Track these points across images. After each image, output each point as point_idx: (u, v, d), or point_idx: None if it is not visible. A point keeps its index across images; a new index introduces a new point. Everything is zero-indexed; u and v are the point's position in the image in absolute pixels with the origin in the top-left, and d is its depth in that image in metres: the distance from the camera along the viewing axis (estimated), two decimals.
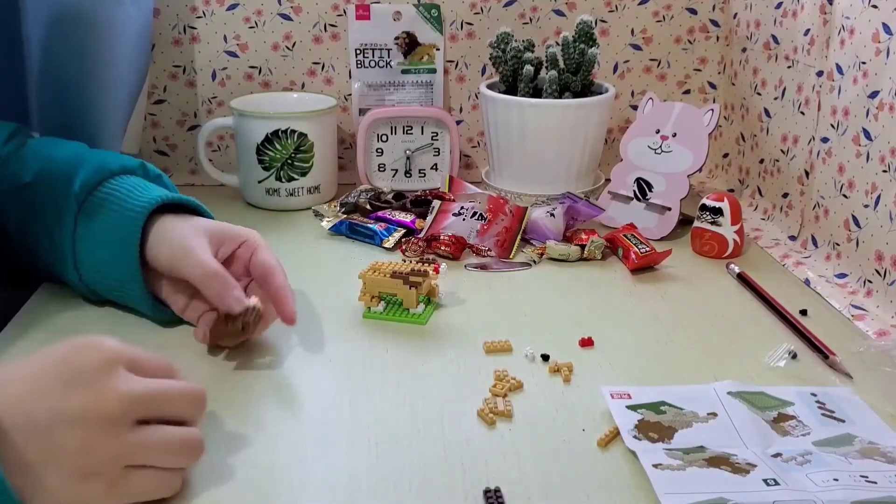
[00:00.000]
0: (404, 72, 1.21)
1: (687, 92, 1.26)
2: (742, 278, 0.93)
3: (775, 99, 1.07)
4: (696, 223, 1.00)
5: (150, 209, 0.77)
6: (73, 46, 0.95)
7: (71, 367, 0.53)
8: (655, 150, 1.06)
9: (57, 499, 0.52)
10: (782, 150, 1.06)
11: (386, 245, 1.00)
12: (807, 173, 1.00)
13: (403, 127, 1.18)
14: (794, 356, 0.78)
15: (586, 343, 0.79)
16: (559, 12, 1.21)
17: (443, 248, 0.97)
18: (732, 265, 0.95)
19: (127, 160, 0.83)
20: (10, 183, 0.83)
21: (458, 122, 1.24)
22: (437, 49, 1.21)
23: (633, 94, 1.25)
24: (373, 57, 1.20)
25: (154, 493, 0.56)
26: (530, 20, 1.21)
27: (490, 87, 1.14)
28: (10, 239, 0.85)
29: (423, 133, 1.18)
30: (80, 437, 0.51)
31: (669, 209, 1.04)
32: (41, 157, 0.84)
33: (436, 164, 1.19)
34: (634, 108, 1.24)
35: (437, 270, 0.86)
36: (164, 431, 0.55)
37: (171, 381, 0.57)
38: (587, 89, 1.12)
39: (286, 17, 1.18)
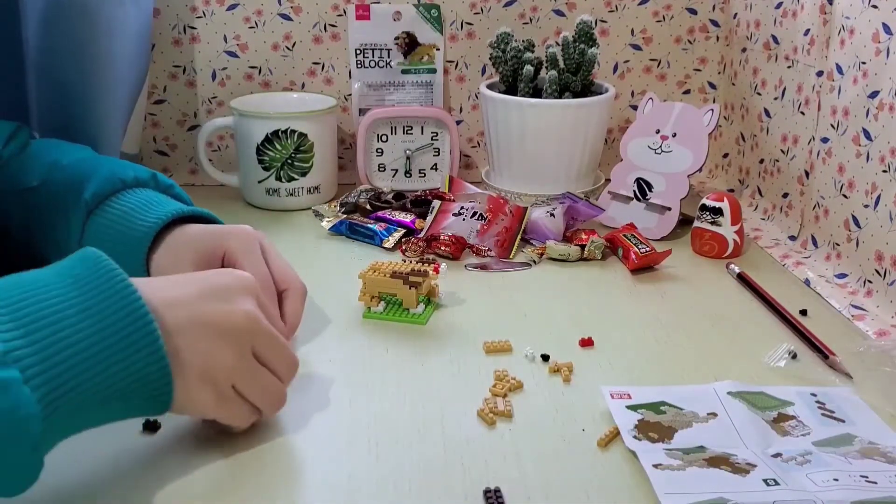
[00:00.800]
0: (404, 72, 1.21)
1: (687, 92, 1.26)
2: (742, 278, 0.93)
3: (775, 99, 1.07)
4: (696, 223, 1.00)
5: (157, 229, 0.76)
6: (72, 46, 0.95)
7: (215, 283, 0.61)
8: (655, 150, 1.06)
9: (186, 393, 0.57)
10: (782, 150, 1.06)
11: (386, 245, 1.00)
12: (807, 173, 1.00)
13: (403, 127, 1.18)
14: (794, 356, 0.78)
15: (586, 343, 0.79)
16: (559, 12, 1.21)
17: (443, 248, 0.97)
18: (732, 265, 0.95)
19: (140, 171, 0.82)
20: (11, 185, 0.83)
21: (458, 122, 1.24)
22: (437, 49, 1.21)
23: (633, 94, 1.25)
24: (373, 57, 1.20)
25: (237, 422, 0.63)
26: (530, 20, 1.21)
27: (490, 87, 1.14)
28: (12, 240, 0.85)
29: (423, 133, 1.18)
30: (208, 340, 0.58)
31: (669, 209, 1.04)
32: (47, 162, 0.83)
33: (436, 164, 1.19)
34: (634, 108, 1.24)
35: (437, 270, 0.86)
36: (268, 374, 0.63)
37: (280, 335, 0.63)
38: (587, 89, 1.12)
39: (286, 17, 1.18)
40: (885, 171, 0.85)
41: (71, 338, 0.52)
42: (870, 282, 0.87)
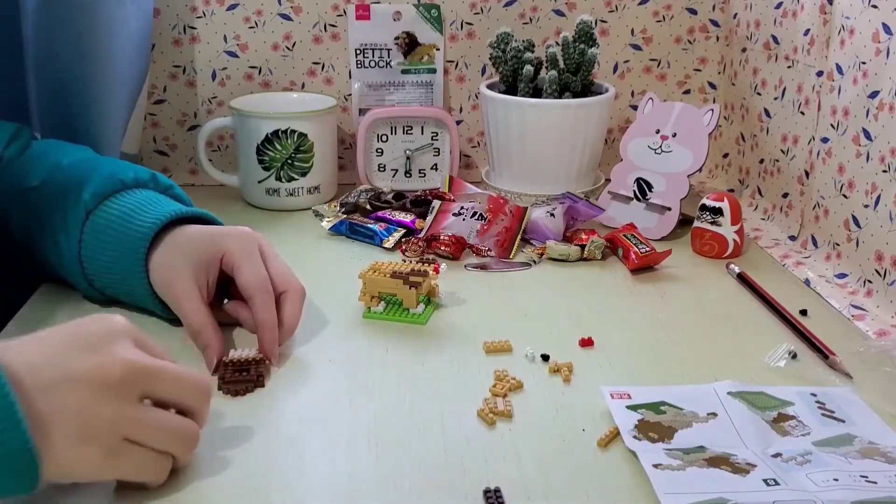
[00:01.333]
0: (404, 72, 1.21)
1: (687, 92, 1.26)
2: (742, 278, 0.93)
3: (775, 99, 1.07)
4: (696, 223, 1.00)
5: (156, 229, 0.77)
6: (73, 46, 0.95)
7: (80, 333, 0.55)
8: (655, 150, 1.06)
9: (61, 459, 0.52)
10: (782, 150, 1.06)
11: (386, 245, 1.00)
12: (807, 173, 1.00)
13: (403, 127, 1.18)
14: (794, 356, 0.78)
15: (586, 343, 0.79)
16: (559, 12, 1.21)
17: (443, 248, 0.97)
18: (732, 265, 0.95)
19: (139, 171, 0.82)
20: (12, 185, 0.83)
21: (458, 122, 1.24)
22: (437, 49, 1.21)
23: (633, 94, 1.25)
24: (373, 57, 1.20)
25: (143, 475, 0.57)
26: (530, 20, 1.21)
27: (490, 87, 1.14)
28: (13, 240, 0.85)
29: (423, 133, 1.18)
30: (81, 398, 0.53)
31: (669, 209, 1.04)
32: (48, 162, 0.84)
33: (436, 164, 1.19)
34: (634, 108, 1.24)
35: (437, 270, 0.86)
36: (163, 413, 0.57)
37: (176, 366, 0.58)
38: (587, 89, 1.12)
39: (286, 17, 1.18)
40: (885, 171, 0.85)
41: None
42: (870, 282, 0.87)
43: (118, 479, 0.58)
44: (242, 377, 0.71)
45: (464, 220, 1.00)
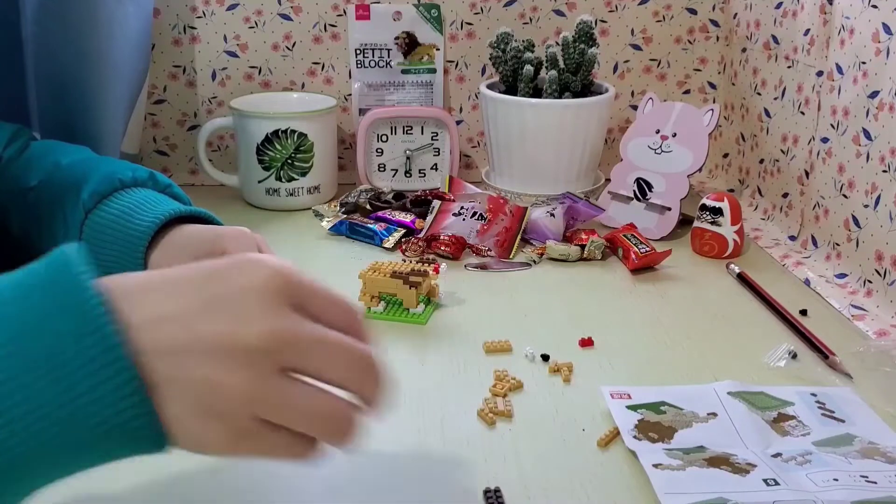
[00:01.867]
0: (404, 72, 1.21)
1: (687, 92, 1.26)
2: (742, 278, 0.93)
3: (775, 99, 1.07)
4: (696, 223, 1.00)
5: (155, 228, 0.77)
6: (73, 46, 0.95)
7: (220, 284, 0.44)
8: (655, 150, 1.06)
9: (174, 429, 0.43)
10: (782, 150, 1.06)
11: (386, 245, 1.00)
12: (807, 173, 1.00)
13: (403, 127, 1.18)
14: (794, 356, 0.78)
15: (586, 343, 0.79)
16: (559, 12, 1.21)
17: (443, 248, 0.97)
18: (732, 265, 0.95)
19: (138, 170, 0.82)
20: (12, 185, 0.83)
21: (458, 122, 1.24)
22: (437, 49, 1.21)
23: (633, 94, 1.25)
24: (373, 57, 1.20)
25: (278, 457, 0.46)
26: (530, 20, 1.21)
27: (490, 87, 1.14)
28: (13, 240, 0.85)
29: (423, 133, 1.18)
30: (208, 368, 0.42)
31: (669, 209, 1.04)
32: (47, 163, 0.83)
33: (436, 164, 1.19)
34: (634, 108, 1.24)
35: (437, 270, 0.86)
36: (310, 391, 0.45)
37: (337, 334, 0.46)
38: (587, 89, 1.12)
39: (286, 17, 1.18)
40: (885, 171, 0.85)
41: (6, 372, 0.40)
42: (870, 282, 0.87)
43: None
44: None
45: (464, 220, 1.00)
